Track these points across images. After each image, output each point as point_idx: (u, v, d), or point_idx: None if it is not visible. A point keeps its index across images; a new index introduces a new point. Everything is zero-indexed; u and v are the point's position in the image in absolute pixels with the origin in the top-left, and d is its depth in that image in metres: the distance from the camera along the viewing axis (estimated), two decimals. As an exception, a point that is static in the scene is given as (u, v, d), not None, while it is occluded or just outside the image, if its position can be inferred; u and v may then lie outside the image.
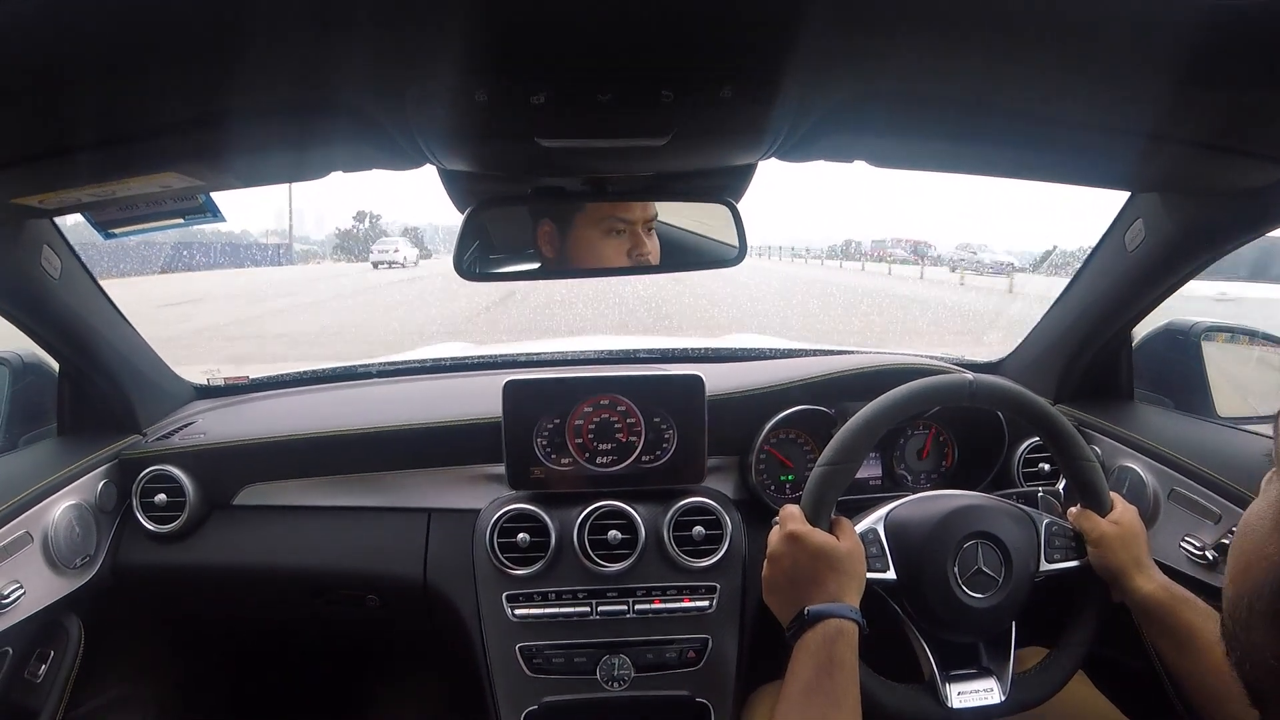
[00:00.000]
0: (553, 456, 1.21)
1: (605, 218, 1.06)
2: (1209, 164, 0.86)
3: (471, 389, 1.48)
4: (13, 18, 0.49)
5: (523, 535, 1.16)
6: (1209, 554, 1.04)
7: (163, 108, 0.69)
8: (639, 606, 1.16)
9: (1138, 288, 1.20)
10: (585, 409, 1.21)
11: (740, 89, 0.68)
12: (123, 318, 1.29)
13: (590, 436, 1.22)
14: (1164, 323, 1.49)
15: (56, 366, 1.28)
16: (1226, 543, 1.02)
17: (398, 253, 22.86)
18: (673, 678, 1.15)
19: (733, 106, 0.71)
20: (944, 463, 1.35)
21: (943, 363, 1.41)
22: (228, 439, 1.29)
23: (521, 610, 1.15)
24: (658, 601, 1.16)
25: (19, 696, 1.09)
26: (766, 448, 1.29)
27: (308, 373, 1.66)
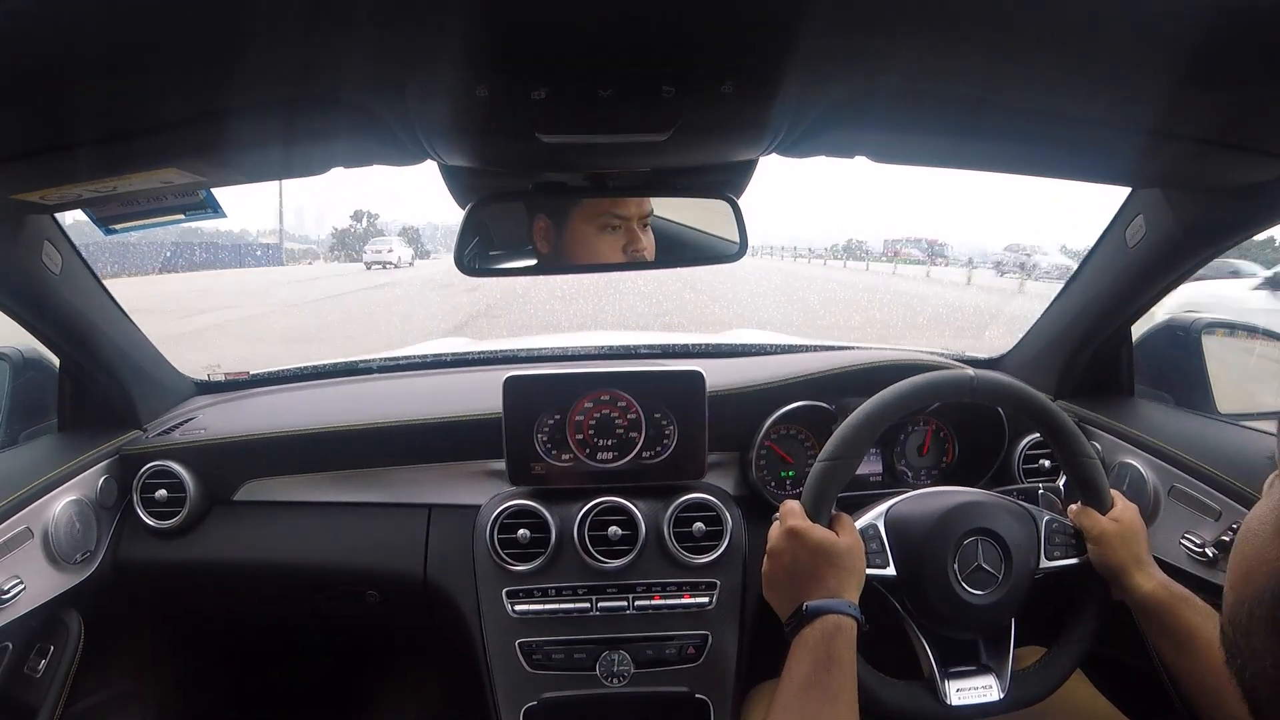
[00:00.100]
0: (553, 452, 1.21)
1: (600, 214, 1.05)
2: (1210, 160, 0.85)
3: (472, 384, 1.48)
4: (13, 14, 0.49)
5: (523, 531, 1.16)
6: (1209, 551, 1.04)
7: (164, 104, 0.68)
8: (639, 602, 1.16)
9: (1138, 284, 1.19)
10: (586, 404, 1.21)
11: (741, 85, 0.68)
12: (123, 313, 1.29)
13: (591, 432, 1.21)
14: (1165, 319, 1.48)
15: (57, 362, 1.28)
16: (1227, 539, 1.02)
17: (391, 253, 22.34)
18: (672, 674, 1.15)
19: (733, 102, 0.71)
20: (944, 459, 1.35)
21: (943, 358, 1.41)
22: (228, 434, 1.30)
23: (521, 606, 1.15)
24: (658, 597, 1.16)
25: (18, 692, 1.09)
26: (767, 443, 1.29)
27: (308, 368, 1.66)
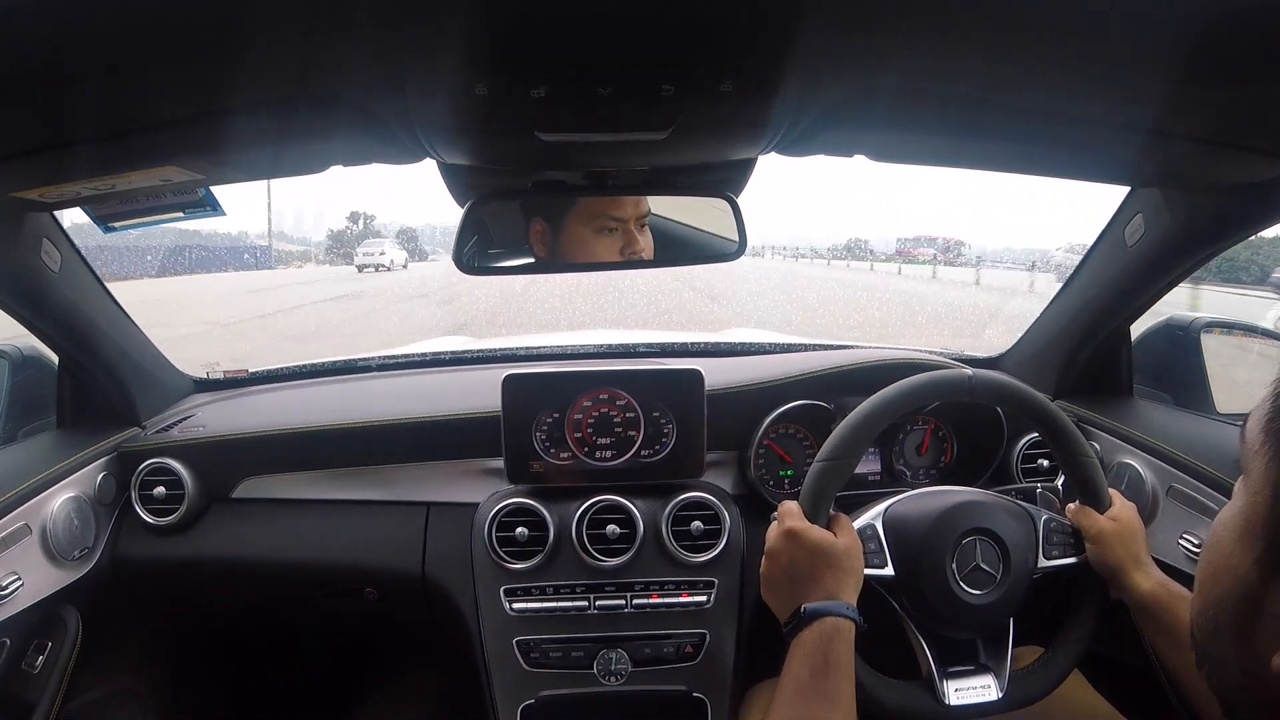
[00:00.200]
0: (551, 450, 1.21)
1: (597, 216, 1.05)
2: (1209, 159, 0.85)
3: (471, 383, 1.48)
4: (14, 12, 0.49)
5: (521, 529, 1.16)
6: (1207, 550, 1.04)
7: (163, 102, 0.68)
8: (637, 601, 1.16)
9: (1137, 283, 1.19)
10: (584, 403, 1.21)
11: (740, 84, 0.68)
12: (122, 311, 1.29)
13: (589, 431, 1.21)
14: (1164, 318, 1.48)
15: (56, 359, 1.28)
16: None
17: (384, 255, 22.08)
18: (670, 672, 1.15)
19: (733, 101, 0.71)
20: (943, 458, 1.35)
21: (942, 358, 1.41)
22: (227, 432, 1.29)
23: (519, 604, 1.15)
24: (655, 596, 1.16)
25: (16, 688, 1.09)
26: (765, 442, 1.29)
27: (307, 366, 1.66)
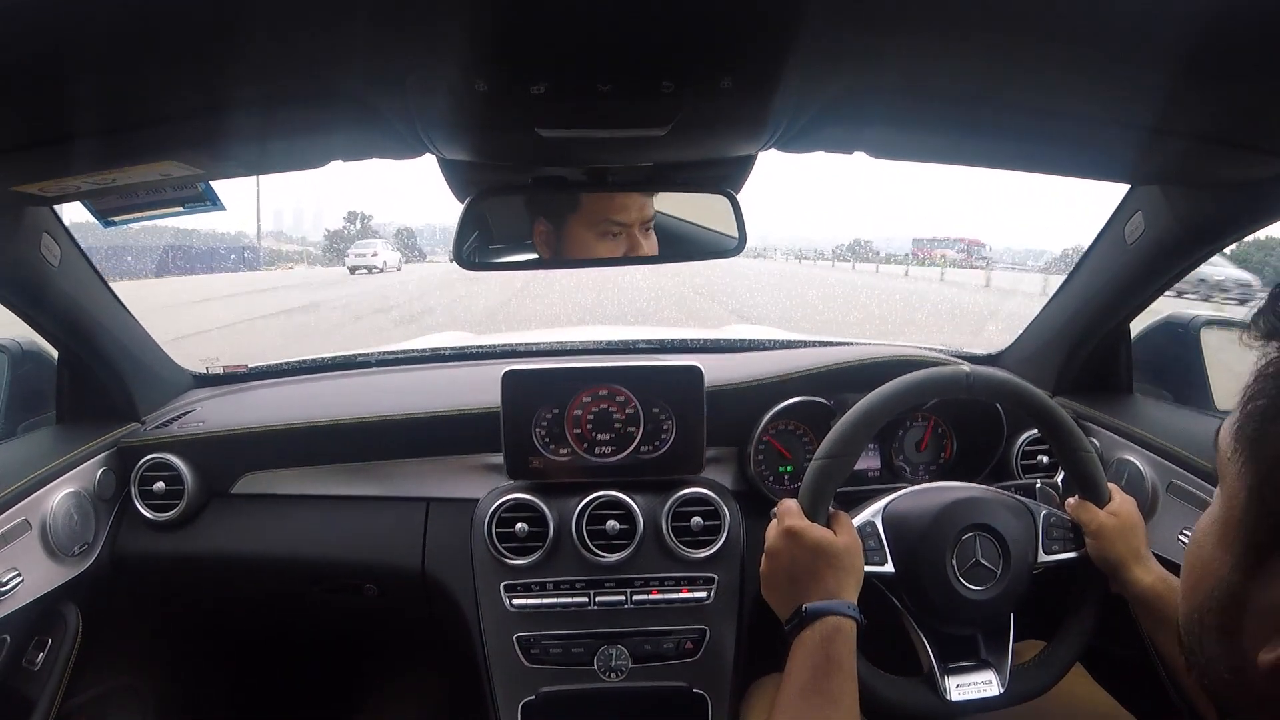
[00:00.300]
0: (551, 446, 1.21)
1: (600, 220, 1.05)
2: (1209, 157, 0.85)
3: (470, 378, 1.48)
4: (13, 7, 0.49)
5: (521, 525, 1.16)
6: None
7: (163, 96, 0.68)
8: (637, 597, 1.16)
9: (1137, 281, 1.19)
10: (584, 399, 1.21)
11: (740, 81, 0.68)
12: (122, 306, 1.29)
13: (589, 426, 1.21)
14: (1164, 315, 1.48)
15: (55, 354, 1.28)
16: None
17: (376, 256, 21.34)
18: (670, 668, 1.15)
19: (733, 98, 0.71)
20: (942, 454, 1.35)
21: (942, 354, 1.41)
22: (226, 427, 1.29)
23: (519, 600, 1.15)
24: (655, 592, 1.16)
25: (16, 684, 1.09)
26: (765, 438, 1.29)
27: (307, 361, 1.66)
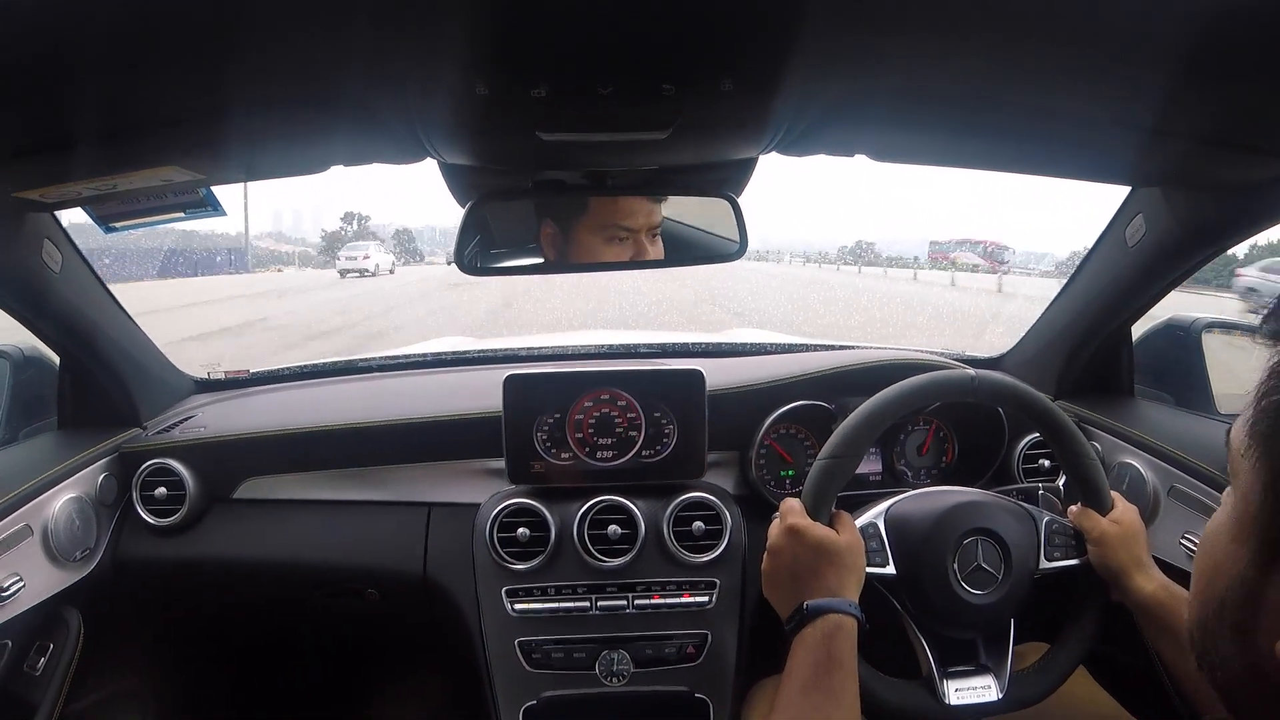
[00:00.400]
0: (553, 451, 1.21)
1: (607, 225, 1.05)
2: (1210, 159, 0.85)
3: (472, 383, 1.48)
4: (14, 11, 0.49)
5: (522, 530, 1.16)
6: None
7: (164, 102, 0.69)
8: (638, 602, 1.16)
9: (1138, 283, 1.19)
10: (586, 403, 1.21)
11: (741, 83, 0.68)
12: (123, 312, 1.29)
13: (590, 431, 1.21)
14: (1165, 319, 1.48)
15: (57, 360, 1.28)
16: None
17: (367, 259, 20.83)
18: (672, 673, 1.15)
19: (733, 100, 0.71)
20: (944, 458, 1.35)
21: (944, 358, 1.41)
22: (228, 432, 1.29)
23: (521, 605, 1.15)
24: (657, 597, 1.16)
25: (18, 689, 1.08)
26: (767, 442, 1.28)
27: (308, 366, 1.66)
